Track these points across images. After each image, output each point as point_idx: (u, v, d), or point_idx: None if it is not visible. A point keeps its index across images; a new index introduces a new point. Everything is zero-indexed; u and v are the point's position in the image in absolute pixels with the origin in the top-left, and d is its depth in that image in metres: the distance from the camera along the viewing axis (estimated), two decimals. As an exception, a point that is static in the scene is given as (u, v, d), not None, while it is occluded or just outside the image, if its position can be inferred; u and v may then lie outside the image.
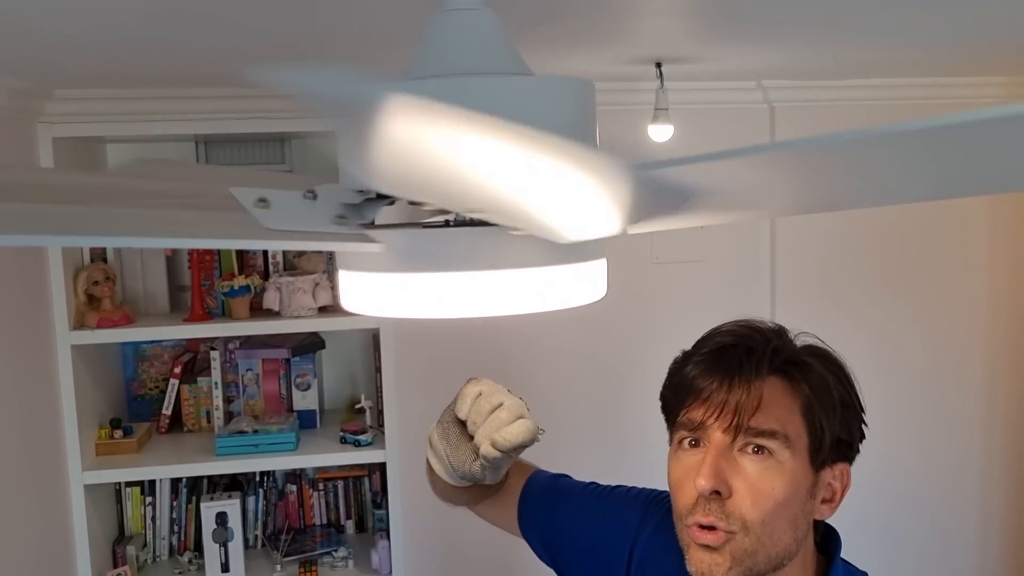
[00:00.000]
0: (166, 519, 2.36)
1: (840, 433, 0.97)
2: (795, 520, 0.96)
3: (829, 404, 0.97)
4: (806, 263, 2.45)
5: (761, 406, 0.94)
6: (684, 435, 0.99)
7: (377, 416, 2.31)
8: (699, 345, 1.03)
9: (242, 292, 2.17)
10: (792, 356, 0.98)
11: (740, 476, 0.94)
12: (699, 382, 0.98)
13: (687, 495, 0.97)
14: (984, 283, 2.57)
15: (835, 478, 1.00)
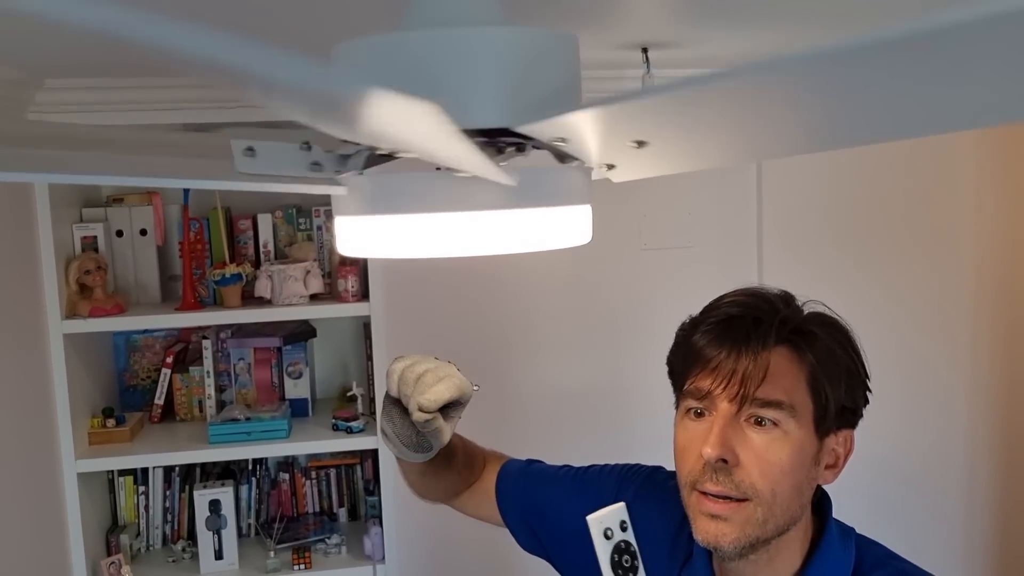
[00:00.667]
0: (159, 508, 2.37)
1: (845, 401, 0.99)
2: (800, 487, 0.98)
3: (835, 373, 0.98)
4: (793, 248, 2.47)
5: (768, 376, 0.95)
6: (691, 404, 1.01)
7: (369, 404, 2.33)
8: (706, 313, 1.04)
9: (233, 280, 2.18)
10: (799, 325, 0.99)
11: (747, 446, 0.96)
12: (707, 351, 0.99)
13: (692, 461, 0.99)
14: (969, 258, 2.60)
15: (839, 444, 1.02)
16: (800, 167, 2.47)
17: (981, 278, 2.61)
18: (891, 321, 2.54)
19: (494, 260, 2.39)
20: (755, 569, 1.02)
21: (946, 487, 2.67)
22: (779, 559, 1.02)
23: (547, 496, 1.27)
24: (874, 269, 2.52)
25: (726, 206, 2.47)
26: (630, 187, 2.55)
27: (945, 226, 2.57)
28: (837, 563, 1.03)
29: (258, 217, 2.32)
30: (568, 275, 2.42)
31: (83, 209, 2.25)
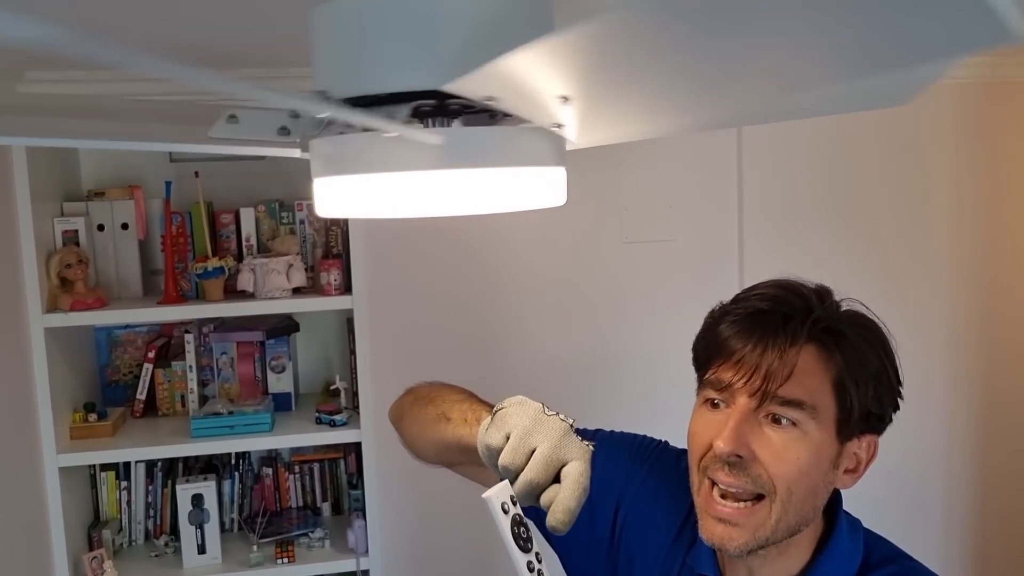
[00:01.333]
0: (141, 503, 2.36)
1: (871, 406, 0.96)
2: (816, 490, 0.96)
3: (863, 377, 0.95)
4: (774, 240, 2.49)
5: (793, 375, 0.92)
6: (710, 394, 0.98)
7: (352, 397, 2.33)
8: (736, 302, 1.01)
9: (216, 273, 2.18)
10: (831, 325, 0.96)
11: (763, 443, 0.93)
12: (731, 343, 0.96)
13: (702, 448, 0.97)
14: (947, 252, 2.63)
15: (861, 449, 0.99)
16: (780, 159, 2.49)
17: (957, 273, 2.64)
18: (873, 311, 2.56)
19: (478, 253, 2.40)
20: (762, 563, 1.01)
21: (925, 485, 2.69)
22: (788, 554, 1.01)
23: None
24: (854, 262, 2.55)
25: (707, 199, 2.48)
26: (611, 181, 2.58)
27: (925, 216, 2.60)
28: (846, 558, 1.01)
29: (240, 211, 2.32)
30: (551, 269, 2.44)
31: (64, 203, 2.25)
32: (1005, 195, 2.64)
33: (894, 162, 2.56)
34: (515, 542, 0.77)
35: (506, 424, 0.90)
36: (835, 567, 1.01)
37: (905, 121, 2.55)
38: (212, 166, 2.37)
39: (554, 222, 2.43)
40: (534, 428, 0.88)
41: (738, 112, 0.56)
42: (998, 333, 2.69)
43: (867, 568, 1.01)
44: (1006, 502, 2.75)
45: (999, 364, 2.69)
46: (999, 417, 2.71)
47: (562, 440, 0.87)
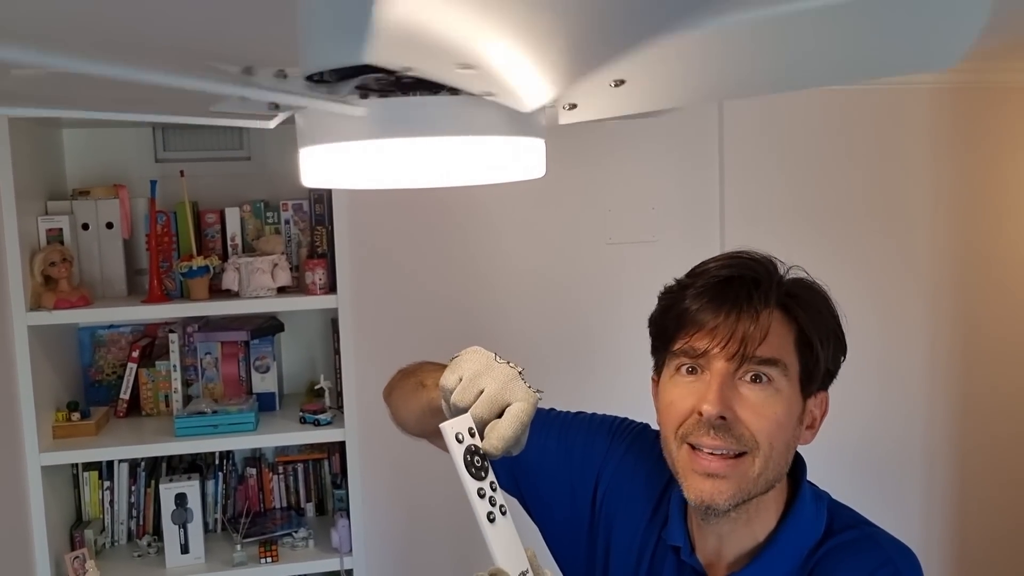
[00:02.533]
0: (124, 503, 2.35)
1: (829, 364, 1.03)
2: (789, 444, 1.01)
3: (822, 335, 1.01)
4: (755, 240, 2.51)
5: (767, 336, 0.98)
6: (683, 362, 1.02)
7: (336, 397, 2.33)
8: (695, 276, 1.06)
9: (201, 272, 2.18)
10: (789, 288, 1.03)
11: (743, 402, 0.98)
12: (703, 313, 1.00)
13: (681, 415, 1.00)
14: (927, 253, 2.66)
15: (816, 406, 1.05)
16: (762, 161, 2.52)
17: (936, 272, 2.68)
18: (851, 315, 2.59)
19: (463, 254, 2.41)
20: (733, 528, 1.04)
21: (905, 477, 2.72)
22: (757, 520, 1.04)
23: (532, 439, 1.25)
24: (835, 261, 2.57)
25: (689, 201, 2.51)
26: (595, 182, 2.60)
27: (904, 217, 2.64)
28: (809, 524, 1.05)
29: (226, 211, 2.32)
30: (536, 269, 2.45)
31: (48, 202, 2.24)
32: (981, 196, 2.68)
33: (873, 164, 2.59)
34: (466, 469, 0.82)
35: (459, 368, 0.97)
36: (799, 533, 1.04)
37: (883, 124, 2.59)
38: (197, 166, 2.38)
39: (539, 222, 2.45)
40: (484, 372, 0.95)
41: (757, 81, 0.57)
42: (975, 329, 2.73)
43: (830, 534, 1.05)
44: (984, 492, 2.79)
45: (976, 359, 2.73)
46: (976, 410, 2.75)
47: (508, 383, 0.94)
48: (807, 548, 1.04)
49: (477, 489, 0.82)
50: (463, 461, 0.82)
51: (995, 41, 2.19)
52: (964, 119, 2.63)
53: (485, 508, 0.82)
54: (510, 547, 0.81)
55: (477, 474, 0.82)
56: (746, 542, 1.05)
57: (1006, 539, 2.81)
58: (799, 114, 2.53)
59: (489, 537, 0.81)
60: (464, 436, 0.84)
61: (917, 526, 2.74)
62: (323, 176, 0.64)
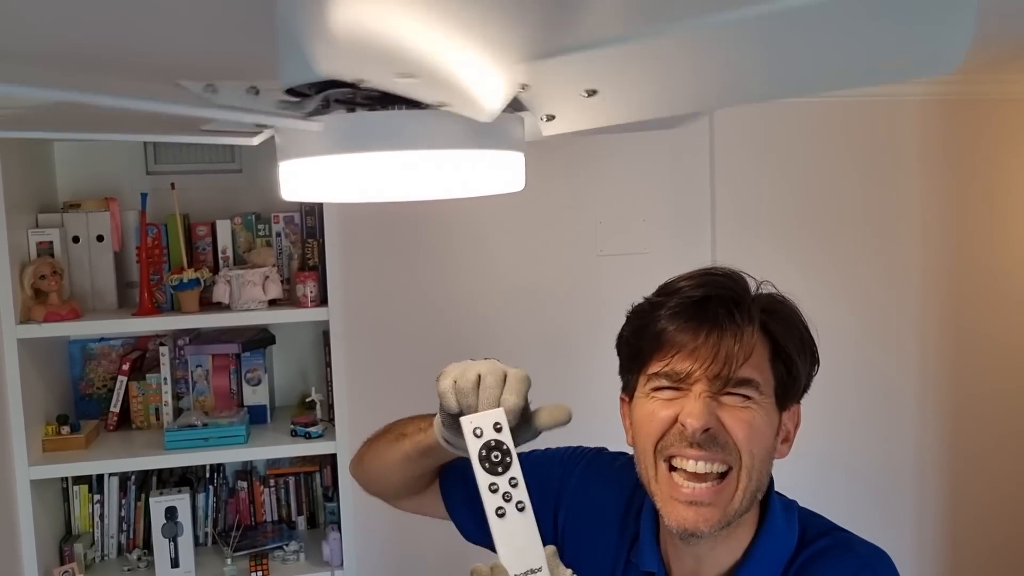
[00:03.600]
0: (114, 517, 2.34)
1: (803, 378, 1.02)
2: (769, 455, 1.01)
3: (799, 349, 1.00)
4: (746, 255, 2.52)
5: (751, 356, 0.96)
6: (662, 383, 0.99)
7: (328, 410, 2.33)
8: (667, 295, 1.03)
9: (191, 285, 2.18)
10: (763, 306, 1.01)
11: (725, 413, 0.97)
12: (683, 334, 0.98)
13: (660, 428, 0.98)
14: (917, 262, 2.67)
15: (790, 419, 1.04)
16: (752, 173, 2.53)
17: (927, 284, 2.69)
18: (843, 325, 2.60)
19: (453, 267, 2.42)
20: (712, 548, 1.02)
21: (897, 486, 2.72)
22: (734, 537, 1.03)
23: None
24: (827, 272, 2.59)
25: (680, 212, 2.52)
26: (585, 194, 2.61)
27: (894, 228, 2.65)
28: (783, 536, 1.04)
29: (217, 223, 2.32)
30: (526, 282, 2.45)
31: (39, 214, 2.24)
32: (970, 205, 2.69)
33: (864, 175, 2.60)
34: (480, 463, 0.83)
35: (448, 372, 0.99)
36: (774, 546, 1.03)
37: (874, 136, 2.60)
38: (188, 178, 2.38)
39: (530, 235, 2.45)
40: (471, 365, 0.99)
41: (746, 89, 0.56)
42: (965, 337, 2.73)
43: (803, 544, 1.04)
44: (976, 499, 2.79)
45: (967, 367, 2.74)
46: (968, 417, 2.76)
47: (497, 364, 0.99)
48: (784, 560, 1.03)
49: (489, 484, 0.82)
50: (478, 456, 0.82)
51: (984, 53, 2.21)
52: (953, 130, 2.64)
53: (495, 503, 0.82)
54: (519, 543, 0.81)
55: (493, 469, 0.83)
56: (724, 561, 1.04)
57: (999, 546, 2.81)
58: (790, 126, 2.54)
59: (495, 532, 0.81)
60: (484, 431, 0.85)
61: (909, 534, 2.74)
62: (296, 190, 0.64)
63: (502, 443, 0.85)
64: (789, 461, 1.08)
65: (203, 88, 0.51)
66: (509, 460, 0.84)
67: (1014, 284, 2.75)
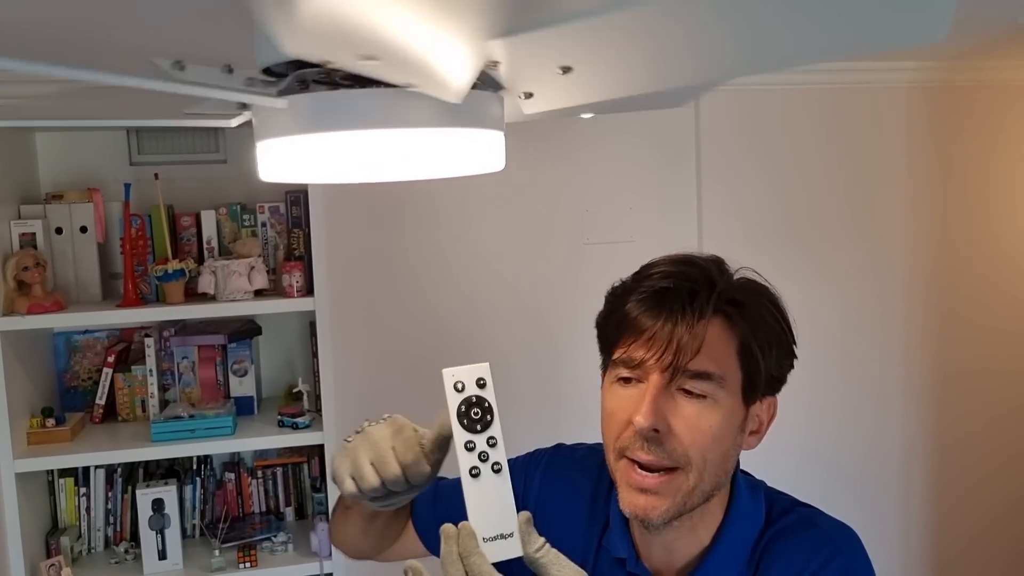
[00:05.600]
0: (101, 510, 2.33)
1: (772, 370, 1.00)
2: (727, 454, 0.99)
3: (765, 343, 0.98)
4: (733, 244, 2.53)
5: (702, 348, 0.95)
6: (622, 372, 1.00)
7: (315, 400, 2.32)
8: (639, 280, 1.03)
9: (176, 276, 2.16)
10: (732, 296, 0.99)
11: (678, 414, 0.96)
12: (641, 320, 0.98)
13: (620, 427, 0.99)
14: (902, 259, 2.68)
15: (763, 411, 1.03)
16: (739, 161, 2.53)
17: (912, 272, 2.70)
18: (828, 318, 2.61)
19: (440, 256, 2.41)
20: (677, 536, 1.03)
21: (881, 476, 2.74)
22: (701, 525, 1.03)
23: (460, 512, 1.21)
24: (811, 263, 2.59)
25: (667, 200, 2.52)
26: (572, 183, 2.60)
27: (880, 221, 2.65)
28: (749, 517, 1.04)
29: (201, 213, 2.30)
30: (513, 270, 2.45)
31: (21, 206, 2.22)
32: (957, 193, 2.70)
33: (849, 162, 2.61)
34: (459, 419, 0.80)
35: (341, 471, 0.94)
36: (741, 528, 1.04)
37: (859, 123, 2.61)
38: (173, 169, 2.36)
39: (516, 223, 2.45)
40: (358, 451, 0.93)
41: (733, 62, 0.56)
42: (951, 328, 2.74)
43: (769, 523, 1.04)
44: (961, 492, 2.80)
45: (952, 359, 2.75)
46: (952, 410, 2.77)
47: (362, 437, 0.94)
48: (751, 540, 1.03)
49: (465, 442, 0.80)
50: (456, 412, 0.80)
51: (970, 38, 2.21)
52: (940, 117, 2.65)
53: (469, 462, 0.80)
54: (492, 506, 0.78)
55: (471, 426, 0.80)
56: (693, 547, 1.04)
57: (983, 537, 2.83)
58: (776, 113, 2.54)
59: (466, 492, 0.79)
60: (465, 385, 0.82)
61: (895, 525, 2.76)
62: (270, 170, 0.64)
63: (484, 400, 0.82)
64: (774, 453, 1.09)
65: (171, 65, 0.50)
66: (490, 419, 0.81)
67: (998, 271, 2.76)
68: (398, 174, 0.60)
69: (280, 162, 0.62)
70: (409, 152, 0.58)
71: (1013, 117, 2.71)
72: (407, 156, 0.58)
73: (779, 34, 0.47)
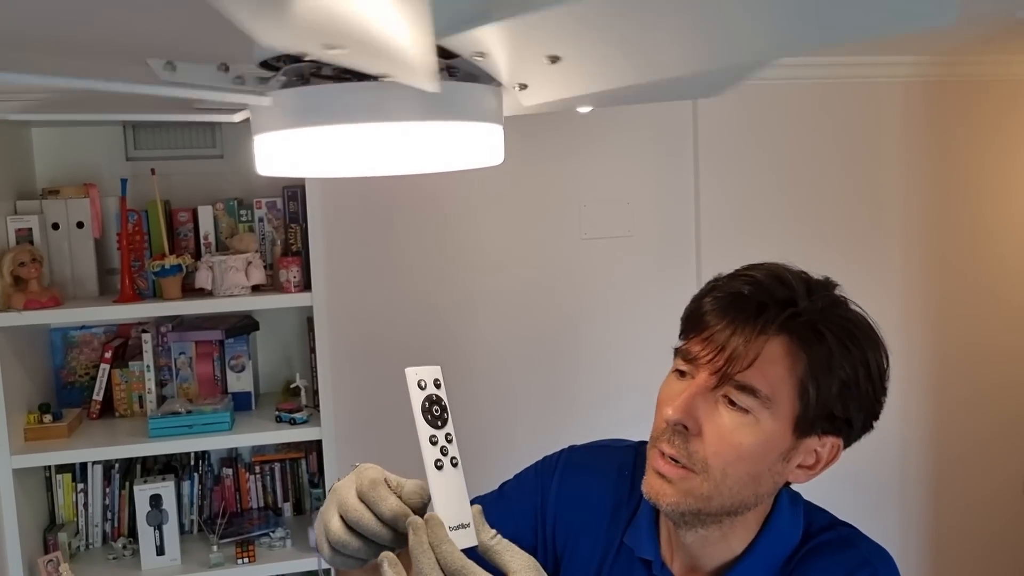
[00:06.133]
0: (99, 506, 2.33)
1: (833, 409, 0.95)
2: (759, 477, 0.96)
3: (830, 381, 0.94)
4: (731, 238, 2.53)
5: (755, 363, 0.92)
6: (680, 364, 0.99)
7: (313, 396, 2.32)
8: (729, 277, 1.01)
9: (173, 271, 2.16)
10: (809, 321, 0.95)
11: (713, 420, 0.94)
12: (707, 319, 0.97)
13: (660, 419, 0.98)
14: (899, 252, 2.68)
15: (823, 448, 0.98)
16: (737, 156, 2.53)
17: (910, 274, 2.70)
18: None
19: (437, 251, 2.41)
20: (706, 542, 1.01)
21: (879, 480, 2.74)
22: (733, 535, 1.02)
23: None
24: (808, 255, 2.59)
25: (664, 195, 2.51)
26: (570, 177, 2.60)
27: (878, 215, 2.65)
28: (787, 532, 1.03)
29: (198, 209, 2.30)
30: (510, 265, 2.45)
31: (17, 201, 2.22)
32: (955, 188, 2.70)
33: (847, 157, 2.61)
34: (423, 415, 0.83)
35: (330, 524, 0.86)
36: (777, 542, 1.02)
37: (858, 118, 2.60)
38: (169, 164, 2.36)
39: (513, 218, 2.45)
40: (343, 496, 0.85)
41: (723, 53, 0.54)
42: (950, 324, 2.75)
43: (808, 538, 1.03)
44: (959, 496, 2.81)
45: (951, 357, 2.75)
46: (950, 412, 2.77)
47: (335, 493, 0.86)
48: (784, 555, 1.02)
49: (429, 436, 0.82)
50: (420, 407, 0.83)
51: (970, 33, 2.21)
52: (938, 111, 2.65)
53: (434, 455, 0.82)
54: (453, 498, 0.82)
55: (434, 422, 0.83)
56: (723, 555, 1.03)
57: (981, 541, 2.84)
58: (774, 107, 2.54)
59: (432, 483, 0.81)
60: (427, 383, 0.85)
61: (893, 530, 2.76)
62: (265, 165, 0.64)
63: (441, 399, 0.85)
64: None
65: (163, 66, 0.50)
66: (446, 416, 0.85)
67: (996, 265, 2.77)
68: (395, 167, 0.59)
69: (275, 156, 0.62)
70: (404, 145, 0.58)
71: (1011, 111, 2.71)
72: (402, 149, 0.58)
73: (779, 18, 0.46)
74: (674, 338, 1.03)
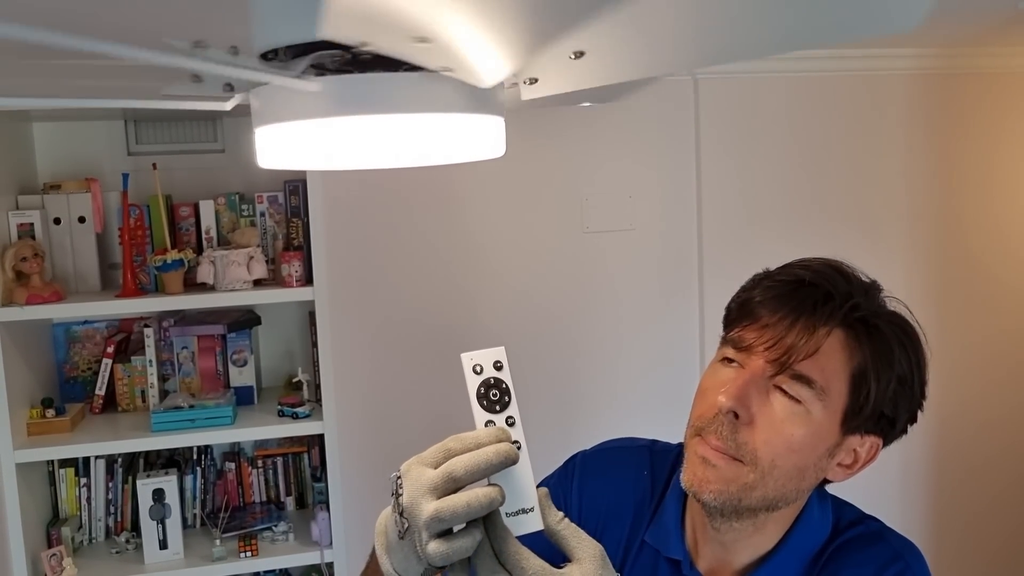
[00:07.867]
0: (102, 500, 2.34)
1: (885, 407, 0.95)
2: (804, 471, 0.95)
3: (885, 375, 0.93)
4: (733, 232, 2.53)
5: (815, 354, 0.91)
6: (728, 352, 0.97)
7: (315, 390, 2.32)
8: (779, 270, 1.01)
9: (175, 266, 2.16)
10: (868, 316, 0.94)
11: (764, 409, 0.93)
12: (765, 306, 0.95)
13: (706, 407, 0.96)
14: (901, 251, 2.68)
15: (862, 447, 0.97)
16: (739, 149, 2.53)
17: (912, 267, 2.69)
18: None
19: (439, 245, 2.41)
20: (738, 536, 1.00)
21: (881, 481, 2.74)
22: (766, 530, 1.01)
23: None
24: (810, 249, 2.58)
25: (666, 188, 2.51)
26: (572, 171, 2.60)
27: (880, 210, 2.65)
28: (817, 528, 1.02)
29: (200, 203, 2.30)
30: (512, 259, 2.45)
31: (19, 196, 2.22)
32: (957, 181, 2.70)
33: (848, 150, 2.60)
34: (478, 400, 0.82)
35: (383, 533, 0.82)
36: (807, 538, 1.01)
37: (859, 111, 2.60)
38: (171, 158, 2.36)
39: (515, 211, 2.44)
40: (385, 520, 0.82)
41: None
42: (951, 323, 2.74)
43: (837, 533, 1.02)
44: (961, 498, 2.81)
45: (953, 352, 2.75)
46: (951, 404, 2.77)
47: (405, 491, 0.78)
48: (814, 549, 1.01)
49: (486, 422, 0.82)
50: (476, 393, 0.82)
51: (970, 26, 2.21)
52: (939, 104, 2.64)
53: None
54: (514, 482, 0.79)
55: (491, 407, 0.82)
56: (754, 551, 1.02)
57: (982, 543, 2.84)
58: (775, 100, 2.54)
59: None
60: (483, 367, 0.84)
61: (895, 509, 2.76)
62: (278, 156, 0.63)
63: (502, 381, 0.84)
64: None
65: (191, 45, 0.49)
66: (508, 399, 0.83)
67: (998, 257, 2.76)
68: (398, 160, 0.59)
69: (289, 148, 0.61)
70: (409, 138, 0.58)
71: (1013, 104, 2.71)
72: (406, 142, 0.58)
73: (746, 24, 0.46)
74: (675, 331, 1.03)
